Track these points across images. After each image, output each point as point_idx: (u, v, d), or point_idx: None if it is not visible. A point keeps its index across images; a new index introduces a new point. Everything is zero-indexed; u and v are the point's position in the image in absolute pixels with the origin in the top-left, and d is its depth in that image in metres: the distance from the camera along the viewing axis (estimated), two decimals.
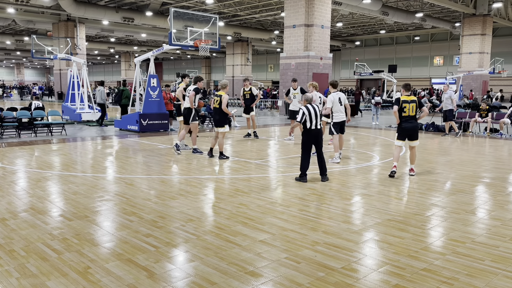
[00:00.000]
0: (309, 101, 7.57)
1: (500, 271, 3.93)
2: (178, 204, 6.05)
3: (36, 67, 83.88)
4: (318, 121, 7.48)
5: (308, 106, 7.51)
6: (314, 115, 7.45)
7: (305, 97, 7.64)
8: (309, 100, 7.59)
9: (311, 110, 7.45)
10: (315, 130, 7.49)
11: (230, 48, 42.76)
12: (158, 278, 3.74)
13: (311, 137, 7.52)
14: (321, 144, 7.62)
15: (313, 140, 7.56)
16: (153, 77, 14.39)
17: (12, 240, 4.57)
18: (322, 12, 20.54)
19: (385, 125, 18.65)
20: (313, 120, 7.43)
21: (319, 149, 7.61)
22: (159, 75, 14.61)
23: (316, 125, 7.46)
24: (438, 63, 43.55)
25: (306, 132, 7.53)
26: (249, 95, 13.65)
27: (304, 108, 7.48)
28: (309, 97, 7.60)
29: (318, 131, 7.52)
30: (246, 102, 13.68)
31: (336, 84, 9.92)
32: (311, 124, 7.44)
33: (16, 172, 8.14)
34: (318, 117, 7.47)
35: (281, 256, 4.23)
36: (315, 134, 7.51)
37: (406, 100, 7.91)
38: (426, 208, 5.99)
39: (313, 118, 7.43)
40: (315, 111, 7.47)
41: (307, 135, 7.53)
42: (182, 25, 13.13)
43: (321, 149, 7.63)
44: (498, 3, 26.64)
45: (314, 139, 7.55)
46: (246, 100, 13.65)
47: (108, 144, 12.26)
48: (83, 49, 31.57)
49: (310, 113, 7.42)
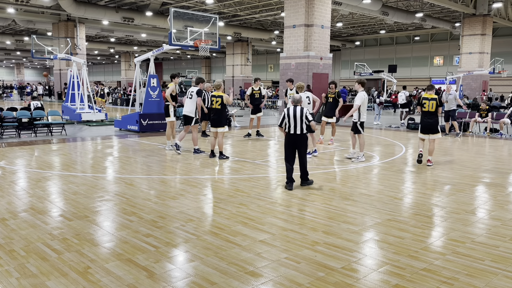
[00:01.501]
0: (295, 103, 7.06)
1: (500, 271, 3.93)
2: (178, 204, 6.05)
3: (36, 67, 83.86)
4: (299, 125, 6.87)
5: (290, 108, 6.97)
6: (293, 118, 6.87)
7: (292, 98, 7.16)
8: (295, 101, 7.08)
9: (291, 112, 6.90)
10: (294, 135, 6.92)
11: (230, 48, 42.74)
12: (158, 278, 3.74)
13: (291, 141, 6.98)
14: (301, 149, 7.01)
15: (293, 145, 6.99)
16: (153, 77, 14.39)
17: (12, 240, 4.57)
18: (322, 12, 20.53)
19: (386, 125, 18.65)
20: (291, 124, 6.89)
21: (300, 154, 7.04)
22: (159, 75, 14.65)
23: (295, 129, 6.88)
24: (438, 63, 43.53)
25: (286, 136, 7.06)
26: (258, 95, 13.52)
27: (285, 110, 7.01)
28: (296, 98, 7.10)
29: (298, 136, 6.91)
30: (255, 102, 13.48)
31: (364, 83, 9.51)
32: (290, 127, 6.91)
33: (16, 172, 8.14)
34: (300, 121, 6.86)
35: (281, 256, 4.23)
36: (294, 139, 6.94)
37: (426, 98, 9.12)
38: (426, 208, 5.99)
39: (292, 121, 6.88)
40: (295, 114, 6.88)
41: (287, 139, 7.03)
42: (182, 25, 13.12)
43: (302, 154, 7.04)
44: (498, 3, 26.63)
45: (294, 144, 6.97)
46: (255, 99, 13.47)
47: (108, 144, 12.25)
48: (83, 49, 31.56)
49: (290, 116, 6.89)
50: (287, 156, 7.03)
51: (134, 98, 19.10)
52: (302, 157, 7.04)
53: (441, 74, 41.51)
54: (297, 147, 6.99)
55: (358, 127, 9.41)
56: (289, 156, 7.01)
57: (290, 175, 6.98)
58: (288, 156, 7.02)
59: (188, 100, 10.26)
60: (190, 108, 10.17)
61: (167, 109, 10.82)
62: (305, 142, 7.02)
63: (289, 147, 7.02)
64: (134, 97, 17.54)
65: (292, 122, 6.89)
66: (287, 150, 7.04)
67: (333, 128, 12.42)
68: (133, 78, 16.86)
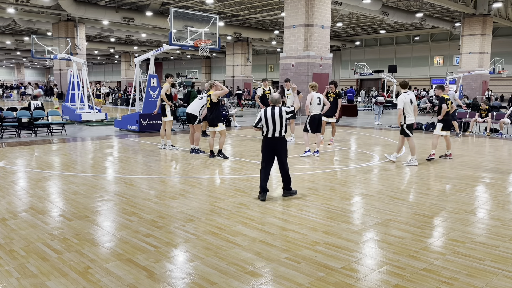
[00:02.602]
0: (274, 103, 6.42)
1: (500, 271, 3.93)
2: (178, 204, 6.05)
3: (36, 67, 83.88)
4: (278, 127, 6.25)
5: (268, 109, 6.33)
6: (272, 120, 6.23)
7: (270, 98, 6.52)
8: (274, 101, 6.44)
9: (269, 114, 6.26)
10: (272, 138, 6.28)
11: (230, 48, 42.75)
12: (158, 278, 3.74)
13: (268, 146, 6.32)
14: (282, 154, 6.37)
15: (271, 150, 6.33)
16: (153, 77, 14.39)
17: (12, 240, 4.57)
18: (322, 12, 20.54)
19: (386, 125, 18.65)
20: (270, 126, 6.24)
21: (281, 160, 6.38)
22: (159, 75, 14.65)
23: (274, 132, 6.26)
24: (438, 63, 43.54)
25: (263, 140, 6.39)
26: (269, 95, 13.42)
27: (262, 111, 6.37)
28: (275, 98, 6.47)
29: (277, 139, 6.28)
30: (266, 102, 13.44)
31: (406, 84, 9.27)
32: (268, 130, 6.28)
33: (16, 172, 8.14)
34: (279, 123, 6.25)
35: (281, 256, 4.23)
36: (272, 142, 6.29)
37: (448, 98, 9.86)
38: (426, 208, 5.99)
39: (270, 123, 6.23)
40: (274, 115, 6.25)
41: (264, 143, 6.37)
42: (182, 25, 13.13)
43: (283, 159, 6.39)
44: (498, 3, 26.64)
45: (272, 148, 6.32)
46: (266, 100, 13.28)
47: (108, 144, 12.25)
48: (83, 49, 31.57)
49: (267, 117, 6.24)
50: (265, 162, 6.35)
51: (134, 98, 19.10)
52: (284, 163, 6.38)
53: (441, 74, 41.51)
54: (277, 152, 6.34)
55: (405, 130, 9.15)
56: (267, 163, 6.35)
57: (264, 184, 6.31)
58: (266, 162, 6.35)
59: (196, 100, 10.33)
60: (194, 108, 10.20)
61: (164, 109, 10.85)
62: (285, 145, 6.40)
63: (268, 152, 6.35)
64: (134, 97, 17.54)
65: (271, 125, 6.24)
66: (265, 155, 6.35)
67: (333, 128, 12.43)
68: (133, 78, 16.85)
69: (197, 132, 10.34)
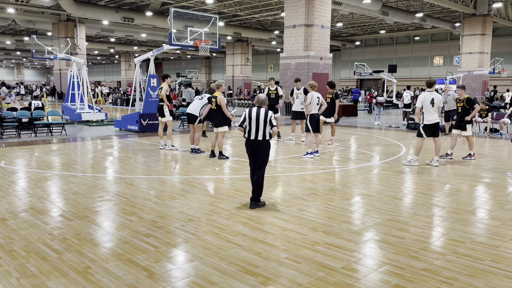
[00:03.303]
0: (260, 104, 6.07)
1: (500, 271, 3.93)
2: (178, 204, 6.05)
3: (36, 67, 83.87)
4: (261, 130, 5.87)
5: (253, 110, 5.99)
6: (256, 121, 5.88)
7: (256, 98, 6.17)
8: (259, 102, 6.09)
9: (254, 115, 5.91)
10: (255, 141, 5.91)
11: (230, 48, 42.74)
12: (158, 278, 3.74)
13: (249, 148, 6.00)
14: (260, 158, 5.95)
15: (251, 153, 5.99)
16: (153, 77, 14.39)
17: (12, 240, 4.57)
18: (322, 12, 20.53)
19: (386, 125, 18.65)
20: (253, 127, 5.90)
21: (258, 165, 5.94)
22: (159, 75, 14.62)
23: (257, 134, 5.88)
24: (438, 63, 43.52)
25: (245, 141, 6.07)
26: (274, 95, 13.32)
27: (246, 111, 6.04)
28: (261, 99, 6.10)
29: (258, 143, 5.90)
30: (270, 102, 13.24)
31: (430, 83, 9.05)
32: (250, 132, 5.93)
33: (16, 172, 8.14)
34: (263, 125, 5.87)
35: (281, 256, 4.23)
36: (252, 145, 5.94)
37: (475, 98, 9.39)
38: (426, 208, 5.99)
39: (254, 125, 5.89)
40: (258, 117, 5.88)
41: (246, 145, 6.06)
42: (182, 25, 13.12)
43: (261, 165, 5.95)
44: (498, 3, 26.62)
45: (252, 151, 5.97)
46: (271, 100, 13.26)
47: (108, 144, 12.25)
48: (83, 49, 31.55)
49: (251, 118, 5.90)
50: (252, 166, 6.04)
51: (134, 98, 19.10)
52: (259, 168, 5.94)
53: (441, 74, 41.49)
54: (255, 155, 5.97)
55: (421, 130, 9.04)
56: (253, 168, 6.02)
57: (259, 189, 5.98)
58: (253, 166, 6.03)
59: (197, 100, 10.32)
60: (195, 108, 10.20)
61: (162, 110, 10.85)
62: (266, 150, 5.96)
63: (251, 155, 6.03)
64: (134, 97, 17.54)
65: (254, 126, 5.90)
66: (250, 160, 6.07)
67: (332, 128, 12.42)
68: (133, 78, 16.86)
69: (197, 132, 10.35)
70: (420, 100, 8.93)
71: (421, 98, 8.93)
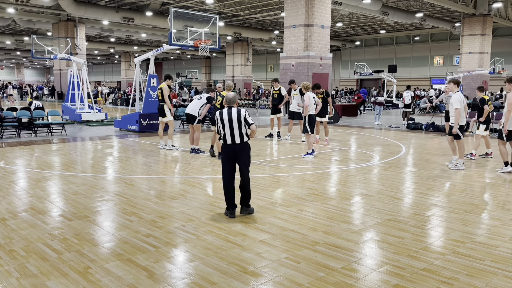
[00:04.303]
0: (230, 103, 5.54)
1: (500, 271, 3.93)
2: (178, 204, 6.05)
3: (36, 67, 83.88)
4: (237, 131, 5.36)
5: (223, 111, 5.43)
6: (229, 123, 5.34)
7: (225, 98, 5.64)
8: (229, 101, 5.55)
9: (226, 116, 5.37)
10: (233, 146, 5.39)
11: (230, 48, 42.74)
12: (158, 278, 3.74)
13: (227, 154, 5.44)
14: (243, 162, 5.45)
15: (232, 159, 5.44)
16: (153, 77, 14.39)
17: (12, 240, 4.57)
18: (322, 12, 20.53)
19: (386, 125, 18.65)
20: (227, 131, 5.36)
21: (242, 169, 5.48)
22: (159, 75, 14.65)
23: (233, 137, 5.36)
24: (438, 63, 43.50)
25: (222, 147, 5.54)
26: (277, 95, 13.36)
27: (217, 114, 5.48)
28: (229, 98, 5.57)
29: (237, 146, 5.39)
30: (273, 102, 13.39)
31: (459, 82, 8.84)
32: (226, 136, 5.39)
33: (16, 172, 8.14)
34: (237, 126, 5.36)
35: (281, 256, 4.23)
36: (233, 150, 5.40)
37: (489, 99, 9.87)
38: (426, 208, 5.99)
39: (228, 128, 5.35)
40: (231, 118, 5.35)
41: (223, 151, 5.51)
42: (182, 25, 13.12)
43: (244, 169, 5.47)
44: (498, 3, 26.62)
45: (233, 156, 5.43)
46: (274, 100, 13.37)
47: (108, 144, 12.25)
48: (83, 49, 31.56)
49: (223, 120, 5.36)
50: (225, 173, 5.45)
51: (134, 98, 19.09)
52: (244, 172, 5.46)
53: (441, 74, 41.50)
54: (237, 160, 5.45)
55: (458, 131, 8.67)
56: (228, 174, 5.45)
57: (232, 199, 5.49)
58: (227, 173, 5.45)
59: (195, 100, 10.31)
60: (193, 108, 10.19)
61: (163, 110, 10.85)
62: (246, 153, 5.47)
63: (227, 161, 5.45)
64: (134, 97, 17.54)
65: (228, 129, 5.36)
66: (225, 166, 5.46)
67: (325, 128, 12.32)
68: (133, 78, 16.86)
69: (196, 132, 10.34)
70: (458, 101, 8.61)
71: (458, 99, 8.61)
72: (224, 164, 5.47)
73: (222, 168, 5.48)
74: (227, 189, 5.45)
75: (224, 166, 5.46)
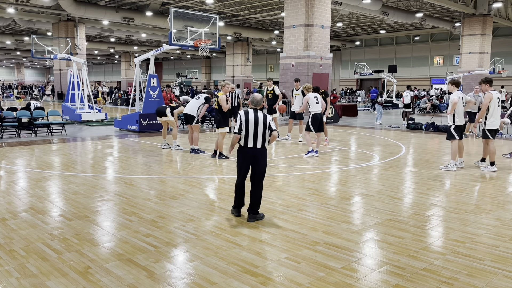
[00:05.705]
0: (256, 105, 5.30)
1: (500, 271, 3.93)
2: (178, 204, 6.05)
3: (36, 67, 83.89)
4: (260, 136, 5.13)
5: (250, 113, 5.16)
6: (254, 126, 5.11)
7: (251, 98, 5.37)
8: (255, 103, 5.30)
9: (252, 118, 5.13)
10: (254, 150, 5.17)
11: (230, 48, 42.75)
12: (158, 278, 3.74)
13: (246, 157, 5.21)
14: (259, 169, 5.22)
15: (249, 162, 5.23)
16: (153, 77, 14.39)
17: (12, 240, 4.57)
18: (322, 12, 20.54)
19: (386, 125, 18.65)
20: (250, 134, 5.12)
21: (258, 176, 5.24)
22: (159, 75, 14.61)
23: (256, 142, 5.14)
24: (438, 63, 43.51)
25: (241, 150, 5.25)
26: (271, 95, 13.24)
27: (241, 114, 5.19)
28: (256, 99, 5.32)
29: (258, 151, 5.18)
30: (268, 102, 13.24)
31: (458, 83, 8.69)
32: (248, 139, 5.14)
33: (16, 172, 8.14)
34: (262, 131, 5.14)
35: (281, 256, 4.23)
36: (251, 154, 5.18)
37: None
38: (426, 208, 5.99)
39: (252, 130, 5.11)
40: (257, 121, 5.11)
41: (241, 154, 5.25)
42: (182, 25, 13.12)
43: (260, 177, 5.26)
44: (498, 3, 26.63)
45: (250, 161, 5.21)
46: (269, 100, 13.21)
47: (108, 144, 12.25)
48: (83, 49, 31.57)
49: (249, 122, 5.11)
50: (240, 176, 5.30)
51: (134, 98, 19.10)
52: (260, 180, 5.25)
53: (441, 74, 41.51)
54: (254, 165, 5.22)
55: (452, 132, 8.56)
56: (243, 177, 5.30)
57: (242, 198, 5.39)
58: (241, 176, 5.30)
59: (193, 100, 10.29)
60: (192, 108, 10.18)
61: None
62: (265, 159, 5.26)
63: (246, 165, 5.25)
64: (134, 97, 17.54)
65: (252, 132, 5.11)
66: (241, 168, 5.28)
67: (324, 128, 12.29)
68: (133, 78, 16.87)
69: (195, 132, 10.33)
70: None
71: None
72: (240, 167, 5.28)
73: (238, 170, 5.32)
74: (240, 191, 5.37)
75: (240, 168, 5.29)
